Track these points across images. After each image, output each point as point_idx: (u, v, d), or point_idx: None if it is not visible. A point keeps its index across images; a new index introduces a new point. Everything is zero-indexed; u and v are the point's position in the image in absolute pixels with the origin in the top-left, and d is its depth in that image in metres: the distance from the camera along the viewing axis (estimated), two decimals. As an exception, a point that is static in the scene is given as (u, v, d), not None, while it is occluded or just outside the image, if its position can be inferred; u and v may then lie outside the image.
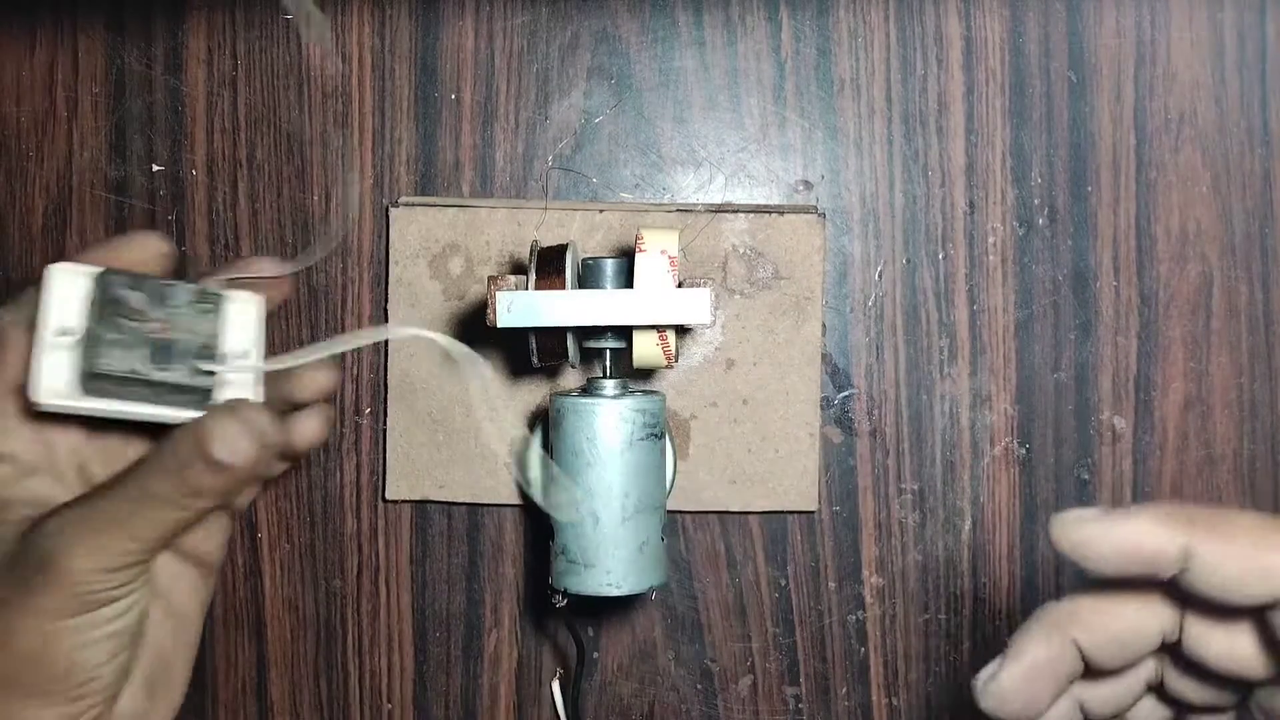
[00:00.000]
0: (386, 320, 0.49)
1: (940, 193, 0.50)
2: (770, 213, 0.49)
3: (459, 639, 0.51)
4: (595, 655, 0.51)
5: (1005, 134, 0.50)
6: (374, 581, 0.51)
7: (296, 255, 0.50)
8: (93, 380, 0.34)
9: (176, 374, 0.35)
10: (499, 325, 0.39)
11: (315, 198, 0.50)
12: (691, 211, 0.49)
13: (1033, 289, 0.50)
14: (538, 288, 0.40)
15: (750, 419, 0.49)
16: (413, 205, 0.48)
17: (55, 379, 0.33)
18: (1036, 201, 0.50)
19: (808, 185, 0.50)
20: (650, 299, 0.40)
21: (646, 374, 0.49)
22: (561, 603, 0.42)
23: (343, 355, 0.50)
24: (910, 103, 0.50)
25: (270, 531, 0.51)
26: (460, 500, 0.50)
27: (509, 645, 0.51)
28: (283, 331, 0.50)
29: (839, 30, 0.50)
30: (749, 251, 0.49)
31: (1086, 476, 0.50)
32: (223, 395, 0.36)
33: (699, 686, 0.51)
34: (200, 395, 0.35)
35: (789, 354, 0.49)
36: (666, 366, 0.42)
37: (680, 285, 0.40)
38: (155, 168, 0.51)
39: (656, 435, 0.42)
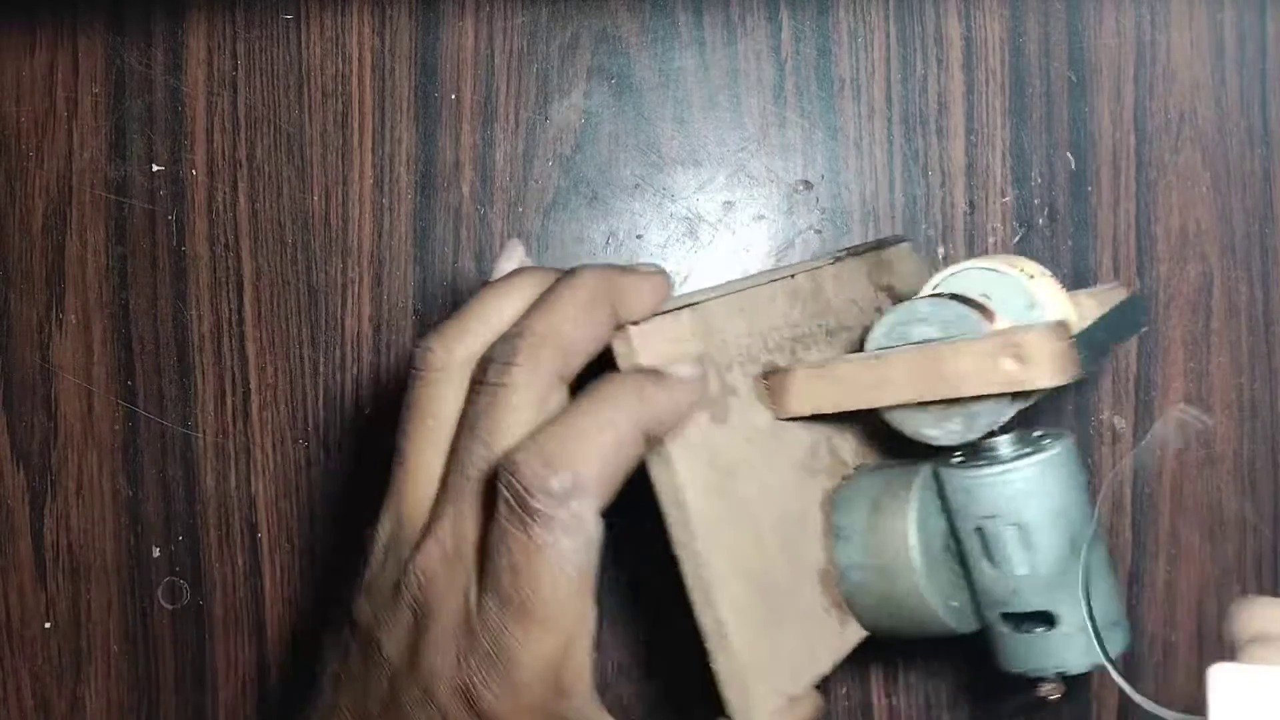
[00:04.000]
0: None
1: (940, 193, 0.50)
2: None
3: (459, 639, 0.51)
4: (595, 655, 0.51)
5: (1005, 134, 0.50)
6: (374, 581, 0.51)
7: (300, 257, 0.50)
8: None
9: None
10: None
11: (315, 198, 0.50)
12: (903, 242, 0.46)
13: (1033, 289, 0.50)
14: None
15: None
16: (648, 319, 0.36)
17: None
18: (1036, 201, 0.50)
19: (808, 185, 0.50)
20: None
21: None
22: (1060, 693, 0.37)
23: None
24: (910, 103, 0.50)
25: (270, 532, 0.51)
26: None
27: (509, 645, 0.51)
28: (282, 332, 0.50)
29: (839, 30, 0.50)
30: None
31: (1086, 476, 0.50)
32: None
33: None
34: None
35: None
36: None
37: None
38: (155, 168, 0.51)
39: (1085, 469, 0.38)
